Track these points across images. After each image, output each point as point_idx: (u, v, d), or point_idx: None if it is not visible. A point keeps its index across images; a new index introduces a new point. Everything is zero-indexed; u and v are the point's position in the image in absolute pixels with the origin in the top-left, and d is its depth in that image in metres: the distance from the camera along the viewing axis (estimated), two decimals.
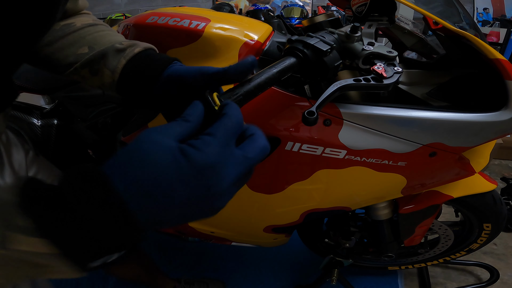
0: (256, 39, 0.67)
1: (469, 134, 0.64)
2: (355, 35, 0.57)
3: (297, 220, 0.83)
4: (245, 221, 0.86)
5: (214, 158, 0.27)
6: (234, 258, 1.40)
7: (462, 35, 0.60)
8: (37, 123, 1.01)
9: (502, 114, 0.60)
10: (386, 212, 0.92)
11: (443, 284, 1.30)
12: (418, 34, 0.88)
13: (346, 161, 0.67)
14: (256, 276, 1.33)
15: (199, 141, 0.28)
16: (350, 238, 1.07)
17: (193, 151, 0.27)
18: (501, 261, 1.38)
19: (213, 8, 3.25)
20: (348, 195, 0.76)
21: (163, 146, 0.27)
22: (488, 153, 0.82)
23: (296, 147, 0.65)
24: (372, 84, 0.51)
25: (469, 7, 2.75)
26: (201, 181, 0.27)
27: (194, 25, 0.66)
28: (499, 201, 0.94)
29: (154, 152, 0.26)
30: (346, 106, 0.62)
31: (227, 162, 0.28)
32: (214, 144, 0.28)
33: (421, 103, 0.72)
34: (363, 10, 0.72)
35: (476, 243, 1.06)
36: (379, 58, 0.55)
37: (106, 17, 3.43)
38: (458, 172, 0.75)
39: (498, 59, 0.59)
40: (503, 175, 1.86)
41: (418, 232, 0.96)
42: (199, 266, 1.36)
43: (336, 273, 1.12)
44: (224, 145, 0.29)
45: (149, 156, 0.26)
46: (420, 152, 0.66)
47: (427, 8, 0.61)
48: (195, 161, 0.27)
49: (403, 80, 0.77)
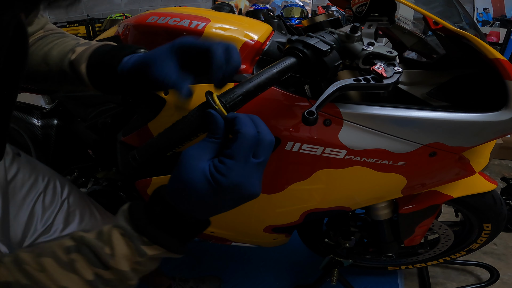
0: (256, 39, 0.67)
1: (469, 134, 0.64)
2: (355, 35, 0.57)
3: (297, 220, 0.83)
4: (245, 221, 0.86)
5: (237, 180, 0.35)
6: (234, 258, 1.40)
7: (462, 35, 0.60)
8: (37, 123, 1.01)
9: (502, 114, 0.60)
10: (386, 212, 0.92)
11: (443, 284, 1.30)
12: (418, 34, 0.88)
13: (346, 161, 0.66)
14: (256, 276, 1.33)
15: (224, 167, 0.35)
16: (350, 238, 1.07)
17: (220, 178, 0.35)
18: (501, 261, 1.38)
19: (213, 8, 3.25)
20: (348, 195, 0.76)
21: (199, 172, 0.36)
22: (488, 153, 0.82)
23: (296, 147, 0.65)
24: (372, 84, 0.51)
25: (469, 7, 2.75)
26: (231, 195, 0.37)
27: (194, 25, 0.66)
28: (499, 201, 0.94)
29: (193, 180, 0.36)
30: (346, 106, 0.62)
31: (249, 176, 0.36)
32: (235, 168, 0.35)
33: (421, 103, 0.72)
34: (363, 10, 0.72)
35: (476, 243, 1.06)
36: (379, 58, 0.55)
37: (106, 17, 3.43)
38: (458, 172, 0.75)
39: (498, 59, 0.59)
40: (503, 175, 1.86)
41: (418, 232, 0.96)
42: (199, 266, 1.35)
43: (336, 273, 1.12)
44: (244, 163, 0.36)
45: (190, 183, 0.36)
46: (420, 152, 0.66)
47: (427, 8, 0.61)
48: (223, 185, 0.35)
49: (403, 80, 0.77)
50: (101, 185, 0.94)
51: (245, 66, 0.66)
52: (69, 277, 0.36)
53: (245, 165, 0.36)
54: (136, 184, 0.79)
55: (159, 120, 0.70)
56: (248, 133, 0.36)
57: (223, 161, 0.36)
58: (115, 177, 0.97)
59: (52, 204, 0.69)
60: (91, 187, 0.97)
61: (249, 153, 0.36)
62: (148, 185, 0.77)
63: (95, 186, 0.96)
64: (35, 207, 0.66)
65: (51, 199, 0.69)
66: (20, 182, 0.65)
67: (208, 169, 0.36)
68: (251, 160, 0.36)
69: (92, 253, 0.37)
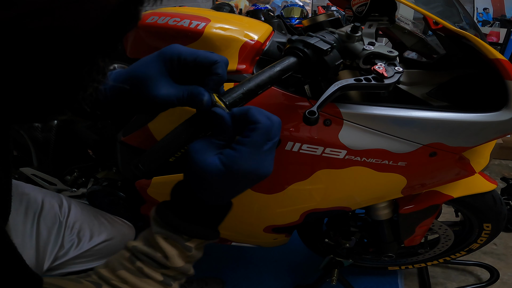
0: (256, 39, 0.67)
1: (469, 134, 0.64)
2: (356, 35, 0.57)
3: (297, 220, 0.83)
4: (245, 221, 0.86)
5: (252, 165, 0.38)
6: (234, 258, 1.40)
7: (462, 35, 0.60)
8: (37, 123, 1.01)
9: (502, 114, 0.60)
10: (386, 212, 0.92)
11: (443, 284, 1.30)
12: (418, 34, 0.88)
13: (346, 161, 0.66)
14: (256, 276, 1.32)
15: (235, 153, 0.38)
16: (350, 238, 1.07)
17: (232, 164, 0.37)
18: (501, 261, 1.38)
19: (213, 8, 3.25)
20: (348, 195, 0.76)
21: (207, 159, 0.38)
22: (488, 153, 0.82)
23: (296, 147, 0.65)
24: (373, 84, 0.51)
25: (469, 7, 2.75)
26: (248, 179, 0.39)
27: (194, 25, 0.66)
28: (499, 201, 0.94)
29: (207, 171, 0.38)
30: (346, 106, 0.62)
31: (264, 160, 0.39)
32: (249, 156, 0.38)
33: (421, 103, 0.72)
34: (363, 10, 0.72)
35: (476, 243, 1.06)
36: (380, 58, 0.55)
37: None
38: (458, 172, 0.75)
39: (498, 59, 0.59)
40: (503, 175, 1.86)
41: (418, 232, 0.96)
42: (199, 266, 1.35)
43: (336, 273, 1.12)
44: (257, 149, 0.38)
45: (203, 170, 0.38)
46: (420, 152, 0.66)
47: (427, 8, 0.61)
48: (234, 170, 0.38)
49: (403, 80, 0.77)
50: (101, 185, 0.94)
51: (245, 66, 0.66)
52: (146, 282, 0.41)
53: (259, 151, 0.38)
54: (136, 184, 0.79)
55: (159, 120, 0.70)
56: (265, 122, 0.39)
57: (236, 147, 0.38)
58: (115, 177, 0.97)
59: (55, 223, 0.67)
60: (91, 187, 0.97)
61: (265, 141, 0.39)
62: (148, 185, 0.77)
63: (95, 186, 0.96)
64: (39, 229, 0.64)
65: (52, 218, 0.68)
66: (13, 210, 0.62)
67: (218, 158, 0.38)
68: (266, 145, 0.39)
69: (149, 259, 0.42)
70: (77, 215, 0.72)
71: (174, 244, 0.42)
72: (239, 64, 0.66)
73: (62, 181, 1.08)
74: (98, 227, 0.74)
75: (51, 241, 0.65)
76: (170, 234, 0.42)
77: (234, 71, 0.66)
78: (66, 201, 0.73)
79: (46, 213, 0.67)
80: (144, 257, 0.42)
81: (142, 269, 0.41)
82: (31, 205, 0.66)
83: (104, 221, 0.77)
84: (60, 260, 0.66)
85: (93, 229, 0.73)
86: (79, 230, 0.70)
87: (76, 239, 0.69)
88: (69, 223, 0.70)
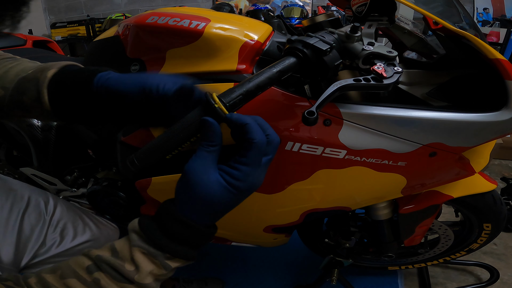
0: (256, 39, 0.67)
1: (469, 134, 0.64)
2: (355, 35, 0.57)
3: (297, 220, 0.83)
4: (245, 221, 0.86)
5: (253, 181, 0.39)
6: (234, 258, 1.40)
7: (462, 35, 0.60)
8: (37, 123, 1.01)
9: (502, 114, 0.60)
10: (386, 212, 0.92)
11: (443, 284, 1.30)
12: (418, 34, 0.88)
13: (346, 161, 0.66)
14: (256, 276, 1.32)
15: (241, 173, 0.39)
16: (350, 238, 1.07)
17: (239, 184, 0.39)
18: (501, 261, 1.38)
19: (213, 8, 3.25)
20: (348, 195, 0.76)
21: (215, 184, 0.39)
22: (488, 153, 0.82)
23: (296, 147, 0.65)
24: (372, 84, 0.51)
25: (469, 7, 2.75)
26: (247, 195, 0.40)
27: (194, 25, 0.66)
28: (499, 201, 0.94)
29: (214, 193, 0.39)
30: (346, 106, 0.62)
31: (260, 175, 0.40)
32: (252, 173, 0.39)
33: (421, 103, 0.72)
34: (363, 10, 0.72)
35: (476, 243, 1.06)
36: (379, 58, 0.55)
37: (106, 17, 3.43)
38: (458, 172, 0.75)
39: (498, 59, 0.59)
40: (503, 175, 1.86)
41: (418, 232, 0.96)
42: (199, 266, 1.35)
43: (336, 273, 1.11)
44: (258, 167, 0.39)
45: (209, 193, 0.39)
46: (420, 152, 0.66)
47: (427, 8, 0.61)
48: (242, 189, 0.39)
49: (403, 80, 0.77)
50: (101, 185, 0.94)
51: (245, 66, 0.66)
52: None
53: (258, 168, 0.40)
54: (136, 184, 0.79)
55: None
56: (261, 141, 0.39)
57: (239, 168, 0.39)
58: (115, 177, 0.97)
59: (40, 221, 0.67)
60: (91, 187, 0.97)
61: (262, 158, 0.40)
62: (148, 185, 0.77)
63: (95, 186, 0.96)
64: (22, 226, 0.64)
65: (37, 216, 0.67)
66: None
67: (223, 179, 0.39)
68: (262, 161, 0.40)
69: (113, 270, 0.40)
70: (62, 213, 0.72)
71: (152, 261, 0.41)
72: (239, 64, 0.66)
73: (62, 181, 1.08)
74: (82, 227, 0.74)
75: (33, 238, 0.65)
76: (151, 250, 0.40)
77: (234, 71, 0.66)
78: (53, 199, 0.73)
79: (31, 210, 0.67)
80: (108, 268, 0.40)
81: (99, 281, 0.39)
82: (17, 202, 0.66)
83: (89, 222, 0.76)
84: (40, 258, 0.65)
85: (77, 229, 0.72)
86: (62, 229, 0.70)
87: (58, 237, 0.69)
88: (53, 221, 0.69)
